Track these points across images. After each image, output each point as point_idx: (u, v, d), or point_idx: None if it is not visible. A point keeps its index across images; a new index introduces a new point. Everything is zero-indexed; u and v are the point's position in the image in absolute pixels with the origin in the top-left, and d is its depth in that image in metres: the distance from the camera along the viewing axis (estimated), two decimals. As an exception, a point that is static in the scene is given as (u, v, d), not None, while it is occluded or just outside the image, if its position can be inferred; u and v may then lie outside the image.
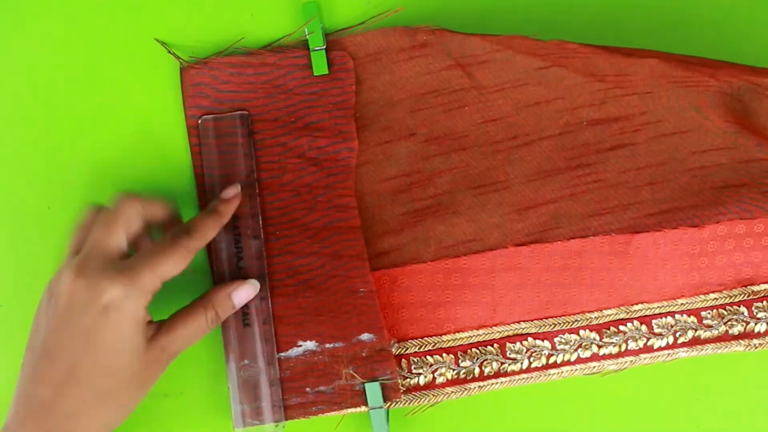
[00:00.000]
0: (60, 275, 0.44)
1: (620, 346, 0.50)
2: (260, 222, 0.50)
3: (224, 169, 0.51)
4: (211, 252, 0.50)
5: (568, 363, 0.50)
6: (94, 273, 0.43)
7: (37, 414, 0.42)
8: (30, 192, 0.52)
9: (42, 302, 0.45)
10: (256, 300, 0.49)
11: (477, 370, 0.50)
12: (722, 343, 0.50)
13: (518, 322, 0.50)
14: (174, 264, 0.44)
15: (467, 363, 0.50)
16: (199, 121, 0.52)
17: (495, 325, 0.50)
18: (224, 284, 0.48)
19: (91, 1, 0.54)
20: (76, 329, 0.42)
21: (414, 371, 0.50)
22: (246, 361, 0.49)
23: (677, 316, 0.50)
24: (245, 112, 0.51)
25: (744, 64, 0.51)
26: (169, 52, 0.52)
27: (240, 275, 0.50)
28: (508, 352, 0.50)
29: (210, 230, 0.47)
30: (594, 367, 0.50)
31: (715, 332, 0.50)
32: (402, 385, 0.49)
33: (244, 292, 0.48)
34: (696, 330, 0.50)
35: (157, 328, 0.45)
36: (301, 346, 0.49)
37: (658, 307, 0.50)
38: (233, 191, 0.50)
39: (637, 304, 0.50)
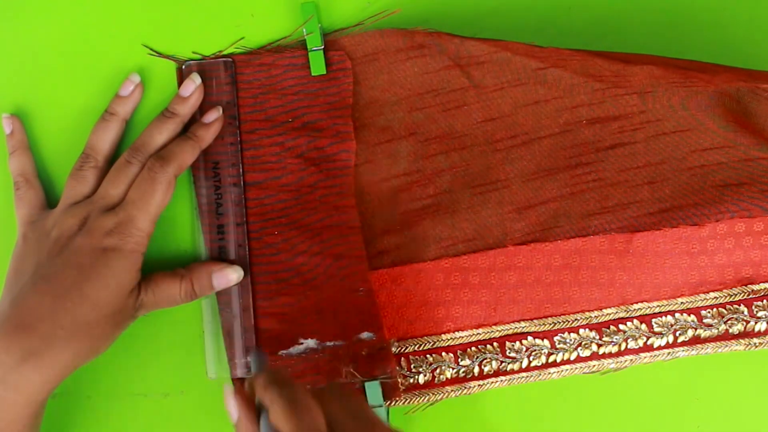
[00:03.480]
0: (63, 219, 0.46)
1: (620, 345, 0.50)
2: (241, 169, 0.50)
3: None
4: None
5: (568, 362, 0.50)
6: (97, 222, 0.45)
7: (16, 333, 0.43)
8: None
9: (32, 238, 0.47)
10: (235, 246, 0.49)
11: (477, 369, 0.50)
12: (722, 342, 0.50)
13: (518, 321, 0.50)
14: (160, 199, 0.46)
15: (467, 362, 0.50)
16: (183, 66, 0.51)
17: (495, 324, 0.50)
18: (209, 262, 0.49)
19: (87, 5, 0.54)
20: (71, 263, 0.44)
21: (414, 370, 0.50)
22: (221, 309, 0.49)
23: (677, 315, 0.50)
24: (230, 59, 0.51)
25: (742, 65, 0.51)
26: (162, 55, 0.52)
27: (218, 221, 0.50)
28: (508, 351, 0.50)
29: (186, 155, 0.48)
30: (594, 366, 0.50)
31: (715, 331, 0.50)
32: (402, 384, 0.49)
33: (225, 277, 0.48)
34: (696, 329, 0.50)
35: (140, 279, 0.47)
36: (302, 343, 0.49)
37: (658, 306, 0.50)
38: (214, 115, 0.49)
39: (636, 303, 0.50)
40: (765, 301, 0.50)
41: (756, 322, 0.50)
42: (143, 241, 0.46)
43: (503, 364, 0.50)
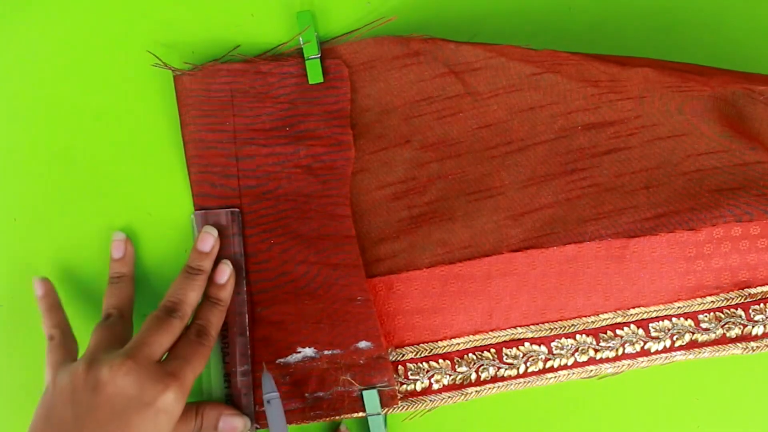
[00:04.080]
0: (101, 367, 0.44)
1: (617, 350, 0.50)
2: (246, 319, 0.50)
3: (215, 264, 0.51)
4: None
5: (565, 367, 0.50)
6: (147, 374, 0.44)
7: None
8: (27, 193, 0.53)
9: (64, 384, 0.45)
10: (241, 394, 0.50)
11: (474, 376, 0.50)
12: (720, 346, 0.50)
13: (514, 327, 0.50)
14: (204, 363, 0.47)
15: (464, 368, 0.50)
16: (191, 217, 0.52)
17: (491, 331, 0.50)
18: (221, 404, 0.49)
19: (88, 4, 0.54)
20: (121, 424, 0.43)
21: (411, 377, 0.50)
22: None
23: (674, 319, 0.50)
24: (236, 209, 0.51)
25: (739, 68, 0.50)
26: (162, 63, 0.53)
27: (224, 370, 0.50)
28: (505, 357, 0.50)
29: (219, 321, 0.49)
30: (591, 371, 0.50)
31: (713, 335, 0.50)
32: (399, 391, 0.50)
33: (231, 424, 0.48)
34: (693, 333, 0.50)
35: None
36: (300, 352, 0.50)
37: (655, 310, 0.50)
38: (227, 273, 0.50)
39: (633, 307, 0.50)
40: (762, 304, 0.50)
41: (753, 326, 0.50)
42: (185, 399, 0.45)
43: (500, 370, 0.50)
